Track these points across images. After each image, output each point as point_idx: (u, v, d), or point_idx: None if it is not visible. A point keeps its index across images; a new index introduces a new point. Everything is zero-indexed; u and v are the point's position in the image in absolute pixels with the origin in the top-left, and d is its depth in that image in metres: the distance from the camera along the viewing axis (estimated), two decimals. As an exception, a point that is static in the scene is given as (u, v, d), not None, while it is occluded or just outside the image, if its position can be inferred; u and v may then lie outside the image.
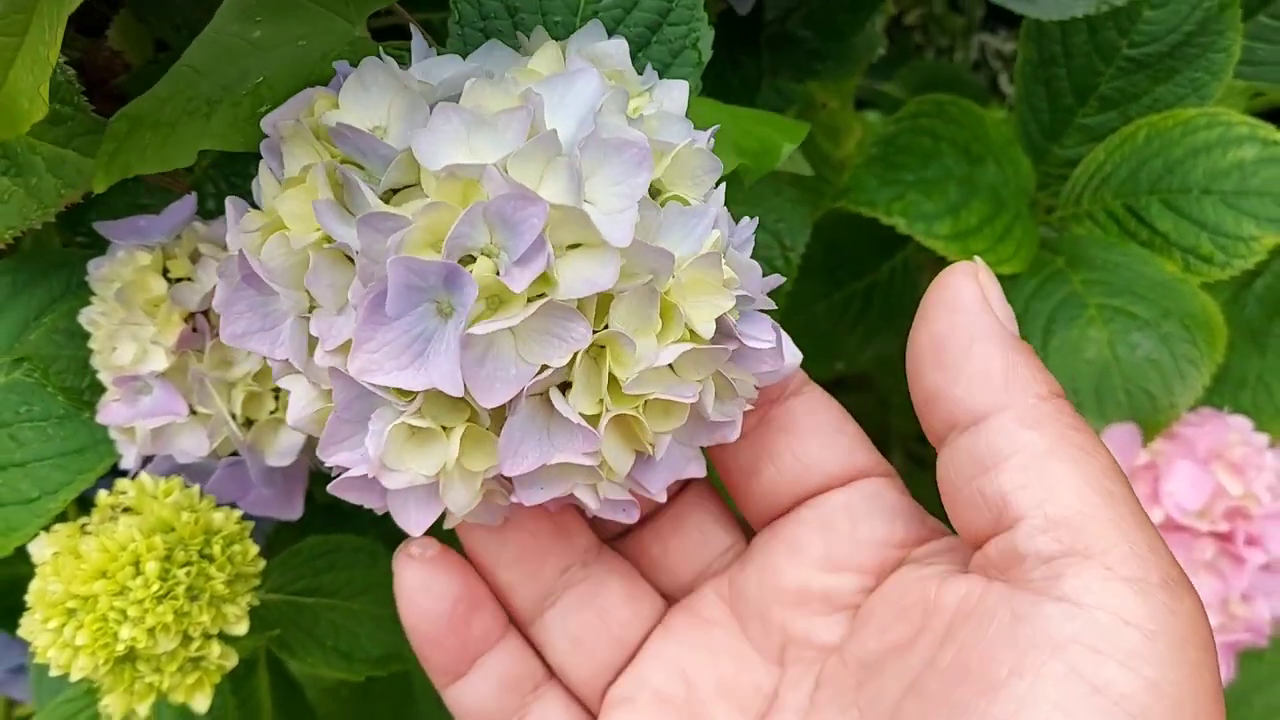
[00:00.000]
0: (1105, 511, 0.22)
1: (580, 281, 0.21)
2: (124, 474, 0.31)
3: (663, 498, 0.25)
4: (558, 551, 0.28)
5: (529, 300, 0.21)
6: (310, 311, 0.22)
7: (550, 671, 0.29)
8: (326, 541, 0.36)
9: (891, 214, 0.47)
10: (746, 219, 0.25)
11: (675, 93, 0.25)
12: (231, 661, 0.30)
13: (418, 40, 0.25)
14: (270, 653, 0.39)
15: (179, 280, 0.31)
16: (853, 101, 0.66)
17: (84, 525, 0.30)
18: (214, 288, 0.29)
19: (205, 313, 0.30)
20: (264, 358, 0.30)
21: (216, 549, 0.29)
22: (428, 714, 0.42)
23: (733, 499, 0.30)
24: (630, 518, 0.25)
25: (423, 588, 0.27)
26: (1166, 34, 0.49)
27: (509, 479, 0.23)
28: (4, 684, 0.47)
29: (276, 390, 0.31)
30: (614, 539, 0.30)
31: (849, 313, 0.60)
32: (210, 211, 0.35)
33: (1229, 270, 0.47)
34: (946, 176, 0.48)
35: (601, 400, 0.22)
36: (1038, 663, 0.21)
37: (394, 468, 0.22)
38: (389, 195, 0.22)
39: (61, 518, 0.32)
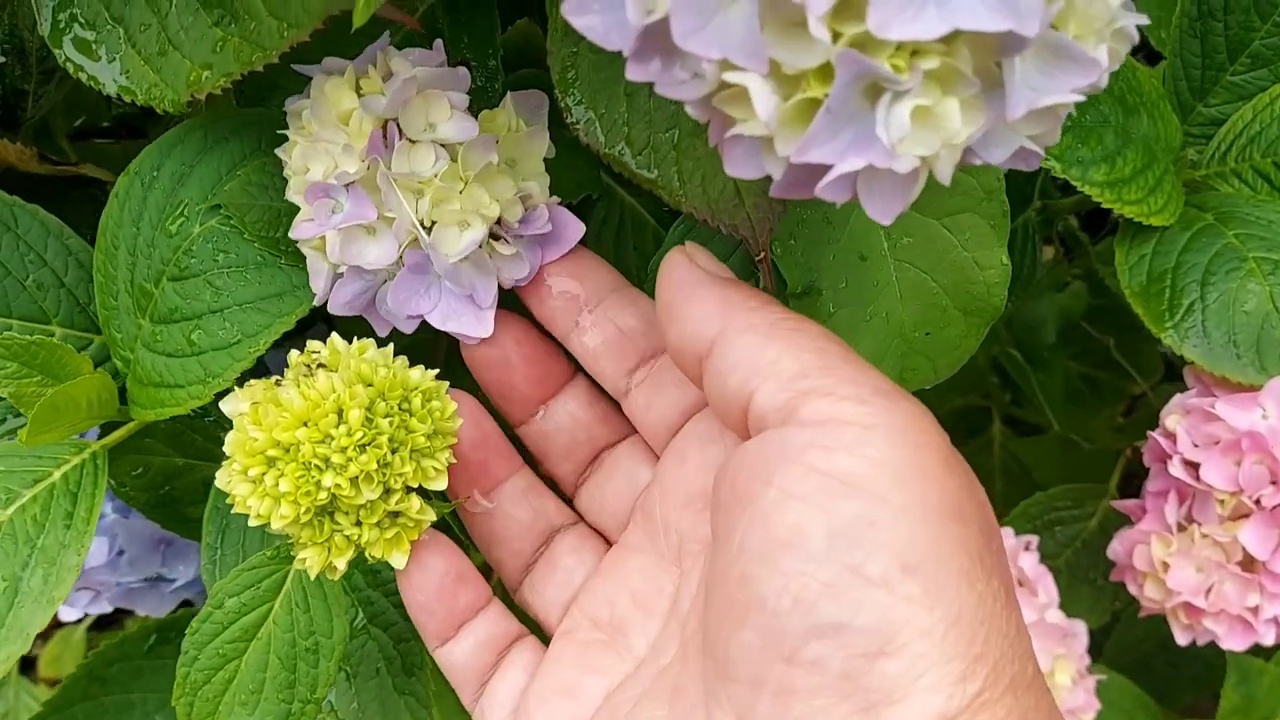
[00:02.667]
0: (819, 362, 0.26)
1: None
2: (324, 319, 0.31)
3: None
4: (536, 530, 0.34)
5: None
6: None
7: (524, 629, 0.34)
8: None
9: (1048, 157, 0.46)
10: None
11: None
12: (430, 517, 0.29)
13: None
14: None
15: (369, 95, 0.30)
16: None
17: (277, 381, 0.29)
18: (403, 84, 0.29)
19: (397, 121, 0.30)
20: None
21: (416, 403, 0.29)
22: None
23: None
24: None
25: (418, 566, 0.31)
26: (1328, -9, 0.48)
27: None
28: (132, 595, 0.46)
29: (461, 189, 0.30)
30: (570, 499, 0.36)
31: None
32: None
33: (1384, 234, 0.46)
34: (1103, 123, 0.47)
35: (1075, 36, 0.22)
36: (781, 470, 0.25)
37: (902, 151, 0.21)
38: None
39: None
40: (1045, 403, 0.66)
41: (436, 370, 0.30)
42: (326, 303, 0.32)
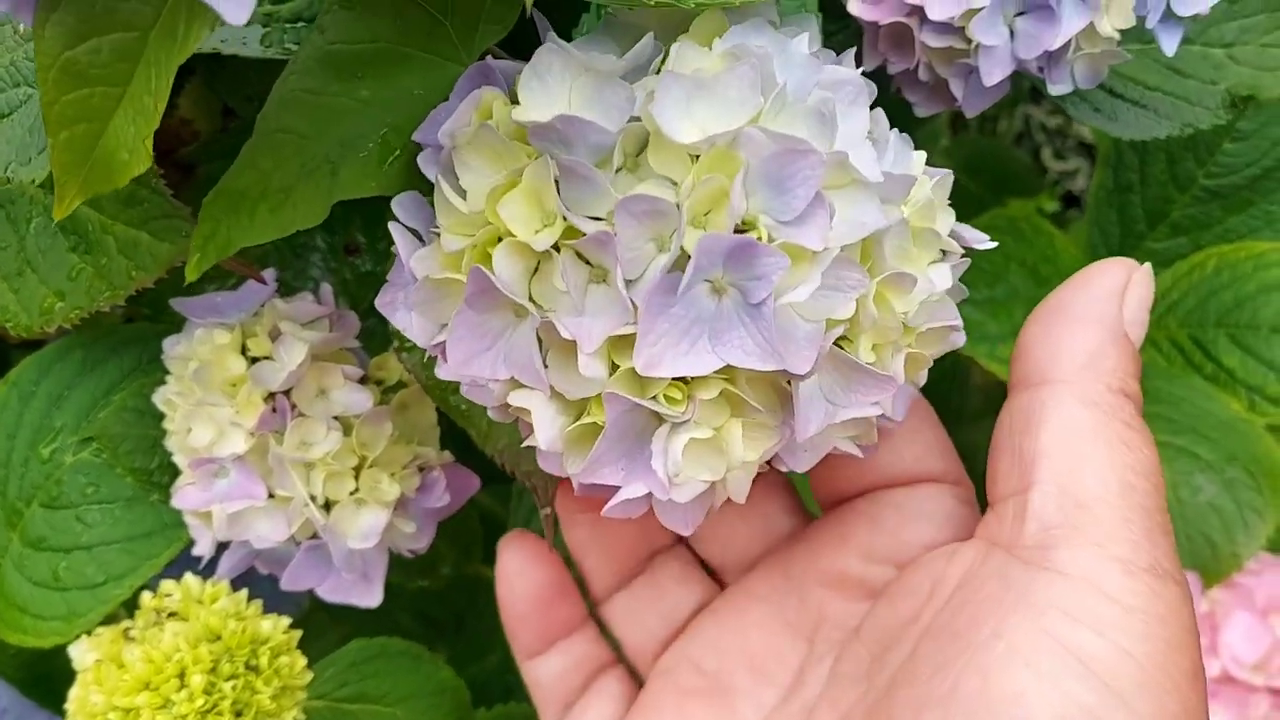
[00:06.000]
0: (1118, 499, 0.23)
1: (851, 226, 0.20)
2: (196, 560, 0.31)
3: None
4: (643, 543, 0.32)
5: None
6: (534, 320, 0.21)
7: (615, 657, 0.32)
8: (371, 645, 0.35)
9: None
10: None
11: (810, 31, 0.23)
12: (277, 777, 0.29)
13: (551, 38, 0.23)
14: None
15: (259, 359, 0.30)
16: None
17: (127, 630, 0.29)
18: (298, 365, 0.29)
19: (286, 392, 0.30)
20: (346, 432, 0.30)
21: (264, 660, 0.29)
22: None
23: (809, 478, 0.32)
24: (869, 454, 0.25)
25: (519, 572, 0.31)
26: (1245, 167, 0.49)
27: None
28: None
29: (357, 470, 0.30)
30: None
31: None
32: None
33: (1296, 415, 0.46)
34: (1013, 297, 0.47)
35: (875, 346, 0.22)
36: (1016, 625, 0.22)
37: (681, 481, 0.22)
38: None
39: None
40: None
41: (290, 620, 0.30)
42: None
